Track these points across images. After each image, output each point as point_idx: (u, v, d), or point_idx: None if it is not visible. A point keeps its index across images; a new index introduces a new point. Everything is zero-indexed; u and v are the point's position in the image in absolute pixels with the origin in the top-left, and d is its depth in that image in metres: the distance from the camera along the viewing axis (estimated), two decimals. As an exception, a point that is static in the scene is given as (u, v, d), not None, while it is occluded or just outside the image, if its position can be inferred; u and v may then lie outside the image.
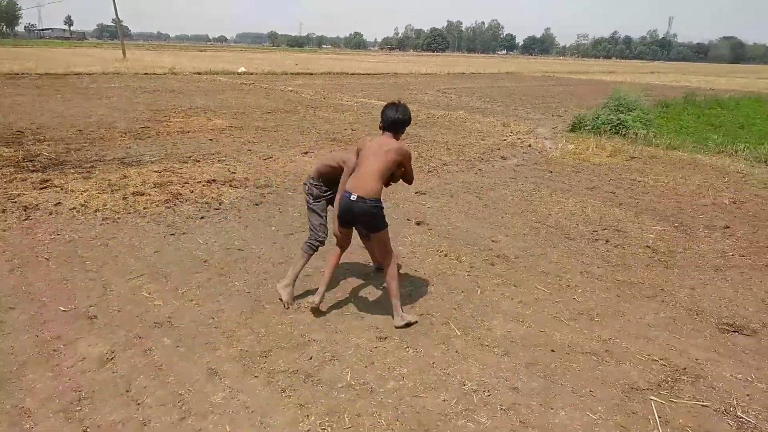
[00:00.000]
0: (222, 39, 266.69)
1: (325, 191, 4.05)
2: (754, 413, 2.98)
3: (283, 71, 31.67)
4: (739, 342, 3.74)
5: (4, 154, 8.15)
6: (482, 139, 11.38)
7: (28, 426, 2.61)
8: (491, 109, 17.47)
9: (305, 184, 4.09)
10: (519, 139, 11.65)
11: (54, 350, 3.24)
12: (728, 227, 6.16)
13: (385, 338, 3.57)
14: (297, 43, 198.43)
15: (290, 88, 21.42)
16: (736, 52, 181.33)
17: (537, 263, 4.93)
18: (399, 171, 3.88)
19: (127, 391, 2.90)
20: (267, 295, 4.09)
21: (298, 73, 31.39)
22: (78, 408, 2.75)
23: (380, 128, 3.86)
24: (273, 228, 5.56)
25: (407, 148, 3.79)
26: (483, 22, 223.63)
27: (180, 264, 4.57)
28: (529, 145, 10.91)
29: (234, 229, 5.48)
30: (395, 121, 3.79)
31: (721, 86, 34.44)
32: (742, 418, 2.94)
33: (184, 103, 15.23)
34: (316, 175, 4.04)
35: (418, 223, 5.86)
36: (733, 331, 3.88)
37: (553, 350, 3.51)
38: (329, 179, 4.00)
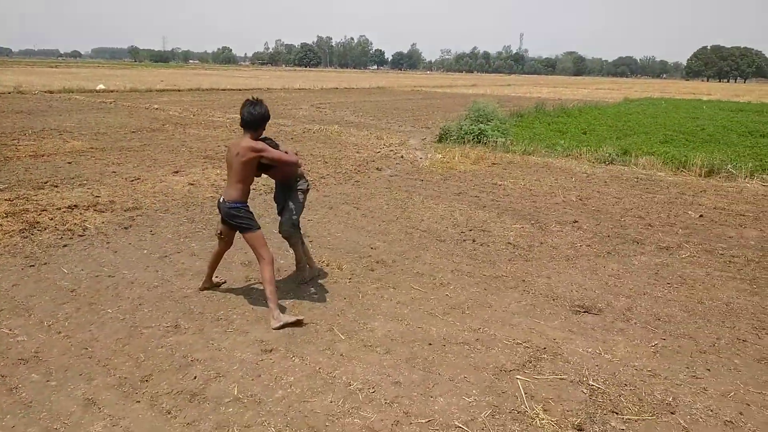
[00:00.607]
0: (75, 54, 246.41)
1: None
2: (602, 380, 3.44)
3: (147, 88, 30.07)
4: (589, 321, 4.28)
5: None
6: (357, 152, 11.73)
7: None
8: (365, 122, 17.99)
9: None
10: (392, 150, 12.16)
11: None
12: (576, 221, 6.96)
13: (271, 350, 3.62)
14: (161, 58, 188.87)
15: (156, 106, 20.43)
16: (578, 66, 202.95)
17: (412, 265, 5.24)
18: (270, 162, 4.02)
19: (-10, 435, 2.69)
20: (143, 320, 3.95)
21: (163, 90, 30.00)
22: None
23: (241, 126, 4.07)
24: (145, 251, 5.34)
25: (254, 144, 3.94)
26: (352, 38, 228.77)
27: (43, 296, 4.26)
28: (402, 156, 11.44)
29: (102, 255, 5.19)
30: (248, 120, 3.99)
31: (567, 96, 38.31)
32: (594, 385, 3.38)
33: (35, 125, 13.95)
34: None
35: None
36: (584, 312, 4.42)
37: (430, 344, 3.78)
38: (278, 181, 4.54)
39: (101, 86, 29.10)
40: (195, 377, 3.27)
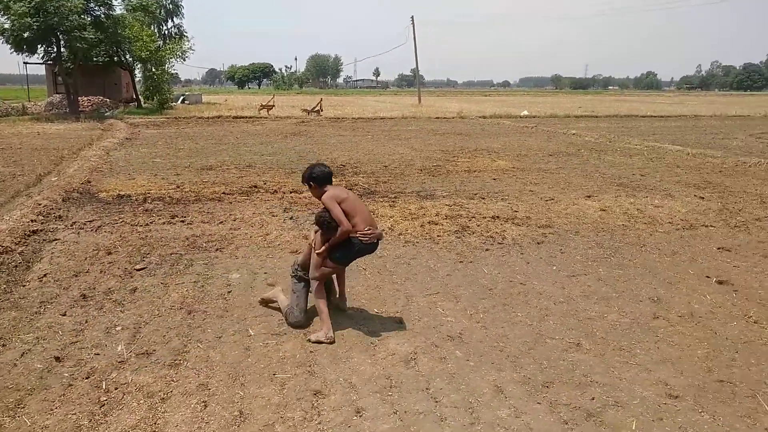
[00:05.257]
0: (505, 84, 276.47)
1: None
2: None
3: (565, 114, 31.36)
4: None
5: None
6: (814, 195, 9.49)
7: (354, 398, 3.25)
8: (827, 158, 14.35)
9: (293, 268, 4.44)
10: None
11: (371, 343, 3.93)
12: None
13: (677, 397, 3.34)
14: (580, 85, 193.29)
15: (573, 131, 21.09)
16: None
17: None
18: None
19: (427, 389, 3.35)
20: (548, 330, 4.21)
21: (581, 116, 30.69)
22: (389, 393, 3.30)
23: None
24: (554, 268, 5.64)
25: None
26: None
27: (468, 288, 5.02)
28: None
29: (516, 263, 5.75)
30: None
31: None
32: None
33: (470, 145, 16.37)
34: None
35: (720, 282, 5.26)
36: None
37: None
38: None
39: (525, 112, 31.87)
40: (593, 398, 3.31)
